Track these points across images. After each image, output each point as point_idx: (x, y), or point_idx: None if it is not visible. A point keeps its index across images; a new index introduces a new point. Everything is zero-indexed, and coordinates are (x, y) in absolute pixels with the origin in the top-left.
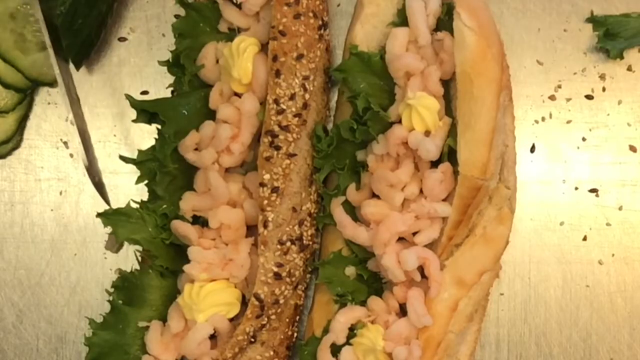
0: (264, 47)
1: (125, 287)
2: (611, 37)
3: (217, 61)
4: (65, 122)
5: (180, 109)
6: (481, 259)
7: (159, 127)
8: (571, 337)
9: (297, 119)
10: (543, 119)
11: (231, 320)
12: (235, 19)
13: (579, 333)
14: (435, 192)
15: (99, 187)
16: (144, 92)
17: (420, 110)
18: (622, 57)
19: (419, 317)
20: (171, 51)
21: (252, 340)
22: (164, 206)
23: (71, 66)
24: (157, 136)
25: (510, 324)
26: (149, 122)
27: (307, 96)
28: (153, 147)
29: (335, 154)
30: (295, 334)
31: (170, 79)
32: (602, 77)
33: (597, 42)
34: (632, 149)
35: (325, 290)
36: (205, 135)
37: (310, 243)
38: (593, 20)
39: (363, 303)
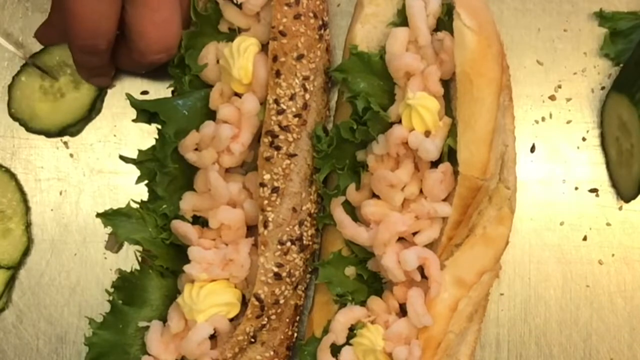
0: (264, 47)
1: (125, 287)
2: (617, 35)
3: (218, 61)
4: None
5: (180, 109)
6: (481, 259)
7: (159, 127)
8: (571, 337)
9: (297, 119)
10: (543, 119)
11: (231, 320)
12: (236, 19)
13: (579, 333)
14: (435, 192)
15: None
16: (144, 92)
17: (420, 110)
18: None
19: (419, 317)
20: None
21: (252, 340)
22: (164, 206)
23: None
24: (157, 136)
25: (510, 324)
26: (149, 122)
27: (307, 96)
28: (153, 147)
29: (335, 154)
30: (295, 334)
31: (170, 79)
32: (602, 77)
33: (601, 46)
34: None
35: (325, 290)
36: (205, 135)
37: (310, 243)
38: (600, 16)
39: (363, 303)
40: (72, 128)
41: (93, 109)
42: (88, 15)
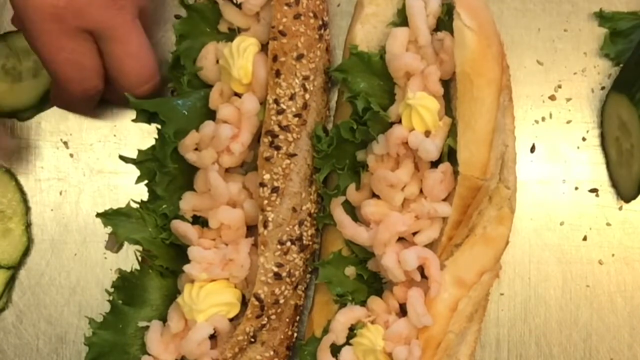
0: (264, 47)
1: (125, 287)
2: (617, 35)
3: (217, 61)
4: (66, 122)
5: (180, 109)
6: (481, 259)
7: (159, 127)
8: (571, 337)
9: (297, 119)
10: (543, 119)
11: (231, 320)
12: (235, 19)
13: (579, 333)
14: (435, 192)
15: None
16: None
17: (420, 110)
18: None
19: (419, 317)
20: (171, 52)
21: (252, 340)
22: (164, 206)
23: None
24: (157, 136)
25: (510, 324)
26: (149, 122)
27: (307, 96)
28: (153, 147)
29: (335, 154)
30: (295, 334)
31: (170, 79)
32: (602, 77)
33: (601, 46)
34: None
35: (325, 290)
36: (205, 135)
37: (310, 243)
38: (600, 16)
39: (363, 303)
40: (22, 114)
41: (46, 100)
42: (70, 63)
